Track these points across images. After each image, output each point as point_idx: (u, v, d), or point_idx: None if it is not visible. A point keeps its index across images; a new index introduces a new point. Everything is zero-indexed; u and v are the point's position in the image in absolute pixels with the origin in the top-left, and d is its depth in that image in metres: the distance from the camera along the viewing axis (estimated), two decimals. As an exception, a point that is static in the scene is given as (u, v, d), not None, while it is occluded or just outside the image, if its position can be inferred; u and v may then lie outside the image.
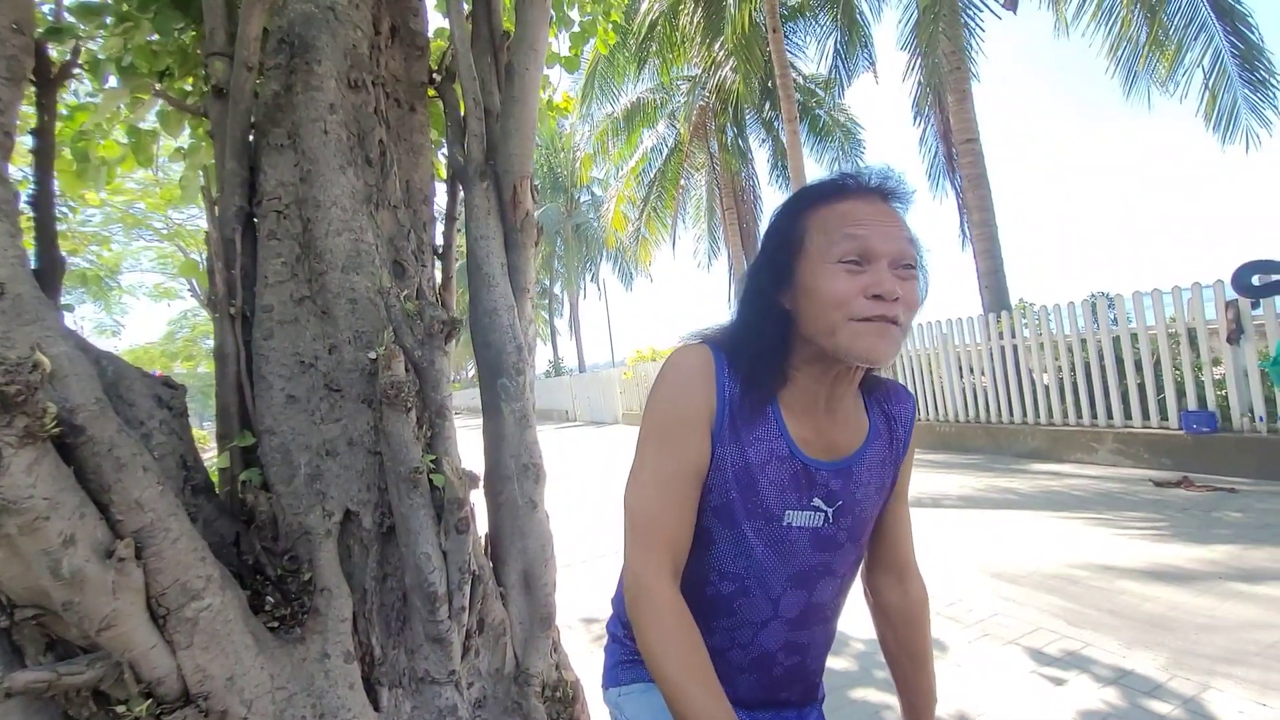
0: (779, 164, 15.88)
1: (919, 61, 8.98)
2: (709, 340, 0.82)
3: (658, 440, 0.77)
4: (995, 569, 3.35)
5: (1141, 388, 5.48)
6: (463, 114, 2.05)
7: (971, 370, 7.09)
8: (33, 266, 1.29)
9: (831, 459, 0.81)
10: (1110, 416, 5.72)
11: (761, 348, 0.78)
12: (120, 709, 1.13)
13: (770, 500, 0.78)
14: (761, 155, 17.46)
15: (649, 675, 0.79)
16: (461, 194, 2.11)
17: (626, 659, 0.90)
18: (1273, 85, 7.21)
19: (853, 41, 12.39)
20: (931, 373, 7.55)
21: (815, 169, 15.99)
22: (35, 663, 1.11)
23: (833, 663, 2.51)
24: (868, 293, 0.70)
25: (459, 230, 2.27)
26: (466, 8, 2.28)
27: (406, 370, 1.56)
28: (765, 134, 16.14)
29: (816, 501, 0.80)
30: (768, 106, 15.16)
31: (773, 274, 0.77)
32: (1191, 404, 5.11)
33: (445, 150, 2.31)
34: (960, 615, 2.84)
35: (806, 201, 0.78)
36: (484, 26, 2.18)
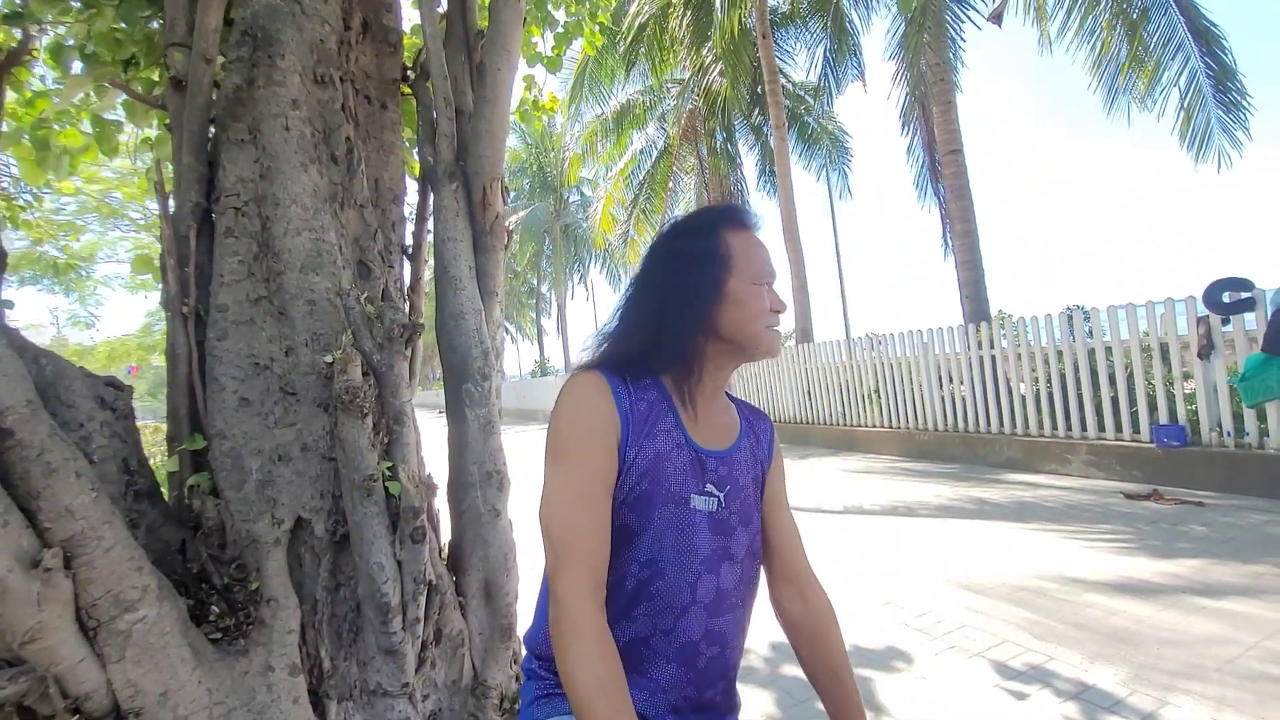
0: (768, 169, 15.94)
1: (905, 72, 9.06)
2: (596, 365, 0.90)
3: (566, 459, 0.82)
4: (965, 580, 3.37)
5: (1115, 400, 5.55)
6: (434, 113, 2.01)
7: (951, 379, 7.15)
8: (-32, 261, 1.25)
9: (716, 448, 0.92)
10: (1084, 428, 5.79)
11: (685, 348, 0.89)
12: (46, 724, 1.08)
13: (676, 485, 0.86)
14: (750, 160, 17.49)
15: (569, 708, 0.81)
16: (432, 194, 2.07)
17: (544, 693, 0.89)
18: (1244, 107, 7.34)
19: (842, 50, 12.47)
20: (912, 381, 7.60)
21: (803, 175, 16.10)
22: (-46, 676, 1.06)
23: (802, 674, 2.50)
24: (774, 308, 0.91)
25: (429, 231, 2.23)
26: (442, 5, 2.24)
27: (364, 374, 1.53)
28: (754, 139, 16.19)
29: (710, 487, 0.89)
30: (756, 112, 15.21)
31: (712, 282, 0.89)
32: (1163, 418, 5.18)
33: (418, 149, 2.28)
34: (928, 627, 2.84)
35: (726, 225, 0.93)
36: (458, 25, 2.15)
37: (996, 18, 8.05)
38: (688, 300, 0.89)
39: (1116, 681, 2.25)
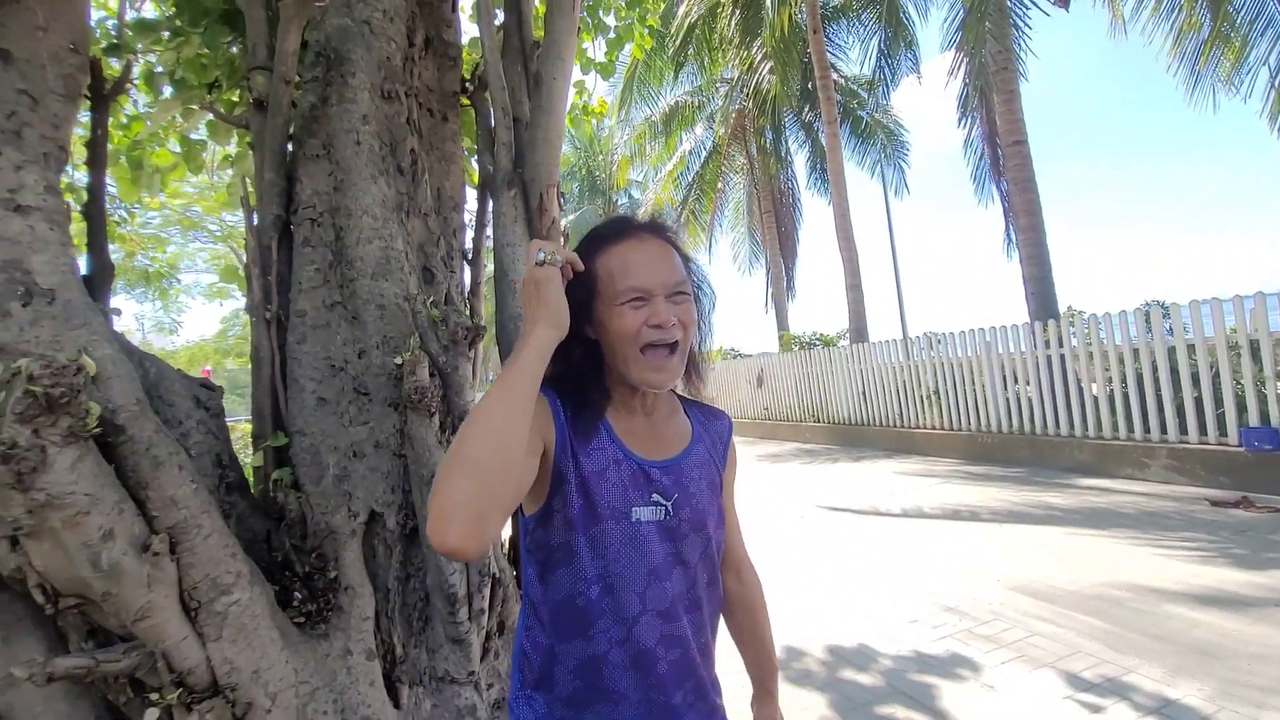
0: (818, 166, 15.67)
1: (965, 62, 8.75)
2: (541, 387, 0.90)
3: None
4: (1032, 587, 3.24)
5: (1199, 401, 5.21)
6: (493, 122, 2.08)
7: (1015, 380, 6.86)
8: (84, 272, 1.37)
9: (661, 458, 0.91)
10: (1164, 431, 5.46)
11: (580, 376, 0.90)
12: (154, 696, 1.18)
13: (616, 500, 0.86)
14: (800, 158, 17.22)
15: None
16: (491, 201, 2.14)
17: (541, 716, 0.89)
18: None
19: (897, 41, 12.13)
20: (973, 382, 7.33)
21: (856, 172, 15.73)
22: (77, 649, 1.17)
23: (860, 678, 2.46)
24: (650, 323, 0.84)
25: (488, 236, 2.31)
26: (498, 18, 2.32)
27: (431, 375, 1.60)
28: (805, 136, 15.94)
29: (656, 497, 0.89)
30: (807, 109, 14.97)
31: (576, 312, 0.85)
32: (1253, 419, 4.84)
33: (477, 158, 2.36)
34: (994, 635, 2.75)
35: (595, 245, 0.90)
36: (515, 37, 2.21)
37: (1064, 1, 7.69)
38: (572, 332, 0.87)
39: (1202, 698, 2.13)
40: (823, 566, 3.86)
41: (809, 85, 13.35)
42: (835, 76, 13.14)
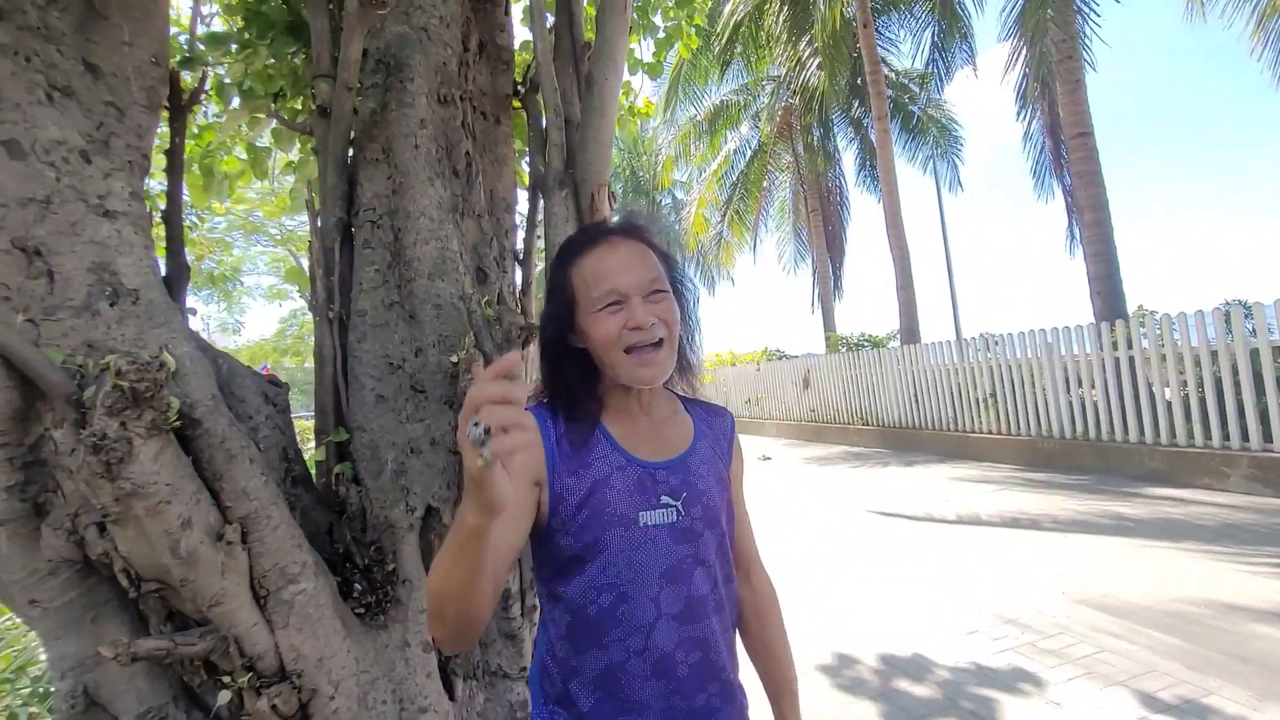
0: (868, 163, 15.32)
1: (1024, 52, 8.41)
2: (531, 406, 0.93)
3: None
4: (1100, 601, 3.07)
5: (1285, 407, 4.87)
6: (544, 124, 2.11)
7: (1080, 383, 6.55)
8: (162, 274, 1.44)
9: (666, 459, 0.91)
10: (1245, 438, 5.12)
11: (571, 386, 0.90)
12: (226, 680, 1.23)
13: (622, 508, 0.85)
14: (849, 155, 16.87)
15: None
16: (541, 201, 2.17)
17: None
18: None
19: (951, 34, 11.77)
20: (1034, 384, 7.03)
21: (907, 168, 15.33)
22: (157, 632, 1.23)
23: (915, 689, 2.39)
24: (629, 325, 0.84)
25: (539, 237, 2.33)
26: (550, 20, 2.34)
27: (485, 374, 1.62)
28: (854, 133, 15.62)
29: (665, 499, 0.87)
30: (856, 105, 14.66)
31: (557, 324, 0.90)
32: (1348, 427, 4.49)
33: (528, 159, 2.39)
34: (1060, 649, 2.62)
35: (568, 257, 0.91)
36: (566, 38, 2.23)
37: (1132, -16, 7.30)
38: (553, 348, 0.91)
39: (1294, 725, 1.98)
40: (874, 573, 3.76)
41: (858, 80, 13.06)
42: (886, 71, 12.82)
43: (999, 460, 7.34)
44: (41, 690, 2.53)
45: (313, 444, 1.77)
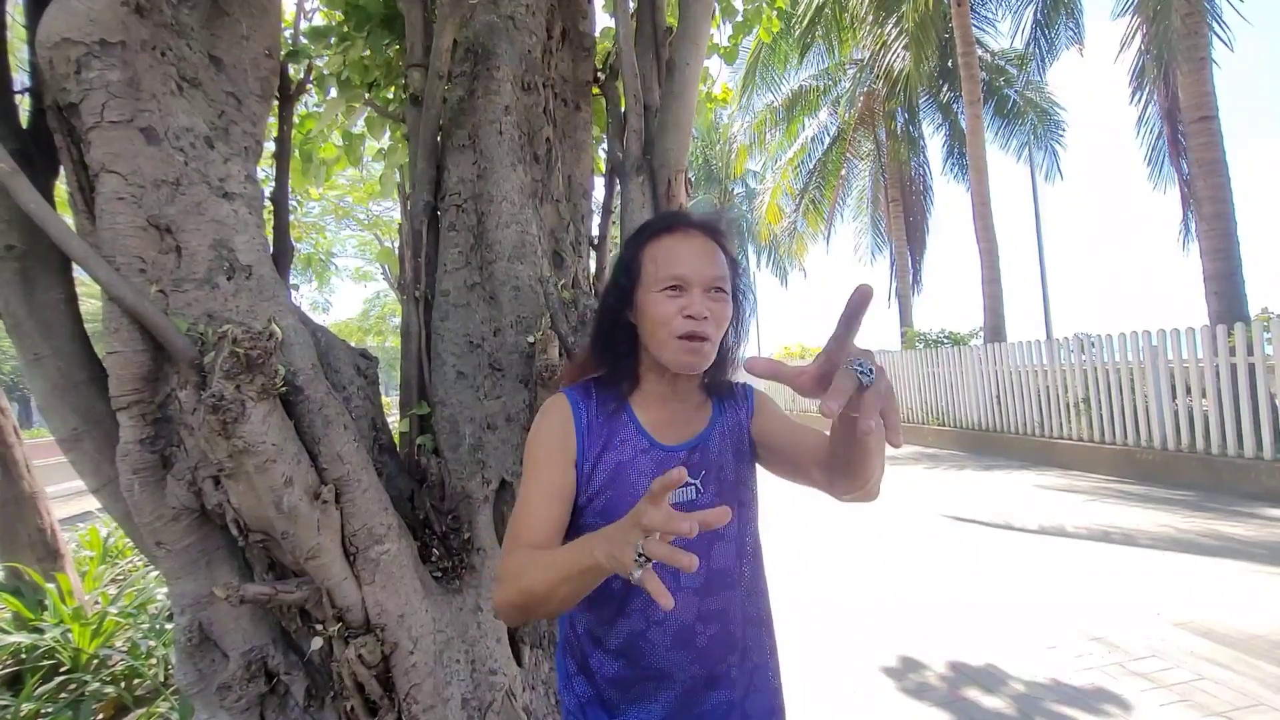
0: (956, 150, 14.53)
1: (1144, 28, 7.72)
2: (565, 388, 1.00)
3: (526, 477, 0.92)
4: (1203, 626, 2.84)
5: None
6: (623, 110, 2.12)
7: (1189, 391, 6.02)
8: (270, 252, 1.56)
9: (685, 441, 0.95)
10: (1387, 459, 4.58)
11: (616, 355, 0.96)
12: (319, 627, 1.34)
13: (643, 487, 0.88)
14: (935, 142, 16.05)
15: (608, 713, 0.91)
16: (618, 187, 2.19)
17: (585, 702, 0.93)
18: None
19: (1056, 10, 10.96)
20: (1134, 390, 6.52)
21: (999, 156, 14.45)
22: (260, 579, 1.34)
23: (987, 700, 2.29)
24: (684, 313, 0.87)
25: (614, 223, 2.36)
26: (632, 6, 2.35)
27: (560, 355, 1.66)
28: (941, 118, 14.84)
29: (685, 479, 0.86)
30: (945, 88, 13.92)
31: (619, 297, 0.95)
32: None
33: (605, 145, 2.42)
34: (1153, 673, 2.45)
35: (645, 236, 0.96)
36: (647, 23, 2.23)
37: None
38: (609, 316, 0.96)
39: None
40: (947, 578, 3.62)
41: (948, 63, 12.39)
42: (980, 52, 12.08)
43: (1089, 470, 6.87)
44: (157, 628, 2.81)
45: (395, 417, 1.87)
